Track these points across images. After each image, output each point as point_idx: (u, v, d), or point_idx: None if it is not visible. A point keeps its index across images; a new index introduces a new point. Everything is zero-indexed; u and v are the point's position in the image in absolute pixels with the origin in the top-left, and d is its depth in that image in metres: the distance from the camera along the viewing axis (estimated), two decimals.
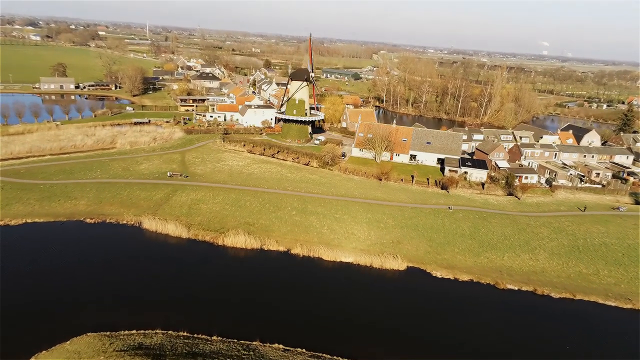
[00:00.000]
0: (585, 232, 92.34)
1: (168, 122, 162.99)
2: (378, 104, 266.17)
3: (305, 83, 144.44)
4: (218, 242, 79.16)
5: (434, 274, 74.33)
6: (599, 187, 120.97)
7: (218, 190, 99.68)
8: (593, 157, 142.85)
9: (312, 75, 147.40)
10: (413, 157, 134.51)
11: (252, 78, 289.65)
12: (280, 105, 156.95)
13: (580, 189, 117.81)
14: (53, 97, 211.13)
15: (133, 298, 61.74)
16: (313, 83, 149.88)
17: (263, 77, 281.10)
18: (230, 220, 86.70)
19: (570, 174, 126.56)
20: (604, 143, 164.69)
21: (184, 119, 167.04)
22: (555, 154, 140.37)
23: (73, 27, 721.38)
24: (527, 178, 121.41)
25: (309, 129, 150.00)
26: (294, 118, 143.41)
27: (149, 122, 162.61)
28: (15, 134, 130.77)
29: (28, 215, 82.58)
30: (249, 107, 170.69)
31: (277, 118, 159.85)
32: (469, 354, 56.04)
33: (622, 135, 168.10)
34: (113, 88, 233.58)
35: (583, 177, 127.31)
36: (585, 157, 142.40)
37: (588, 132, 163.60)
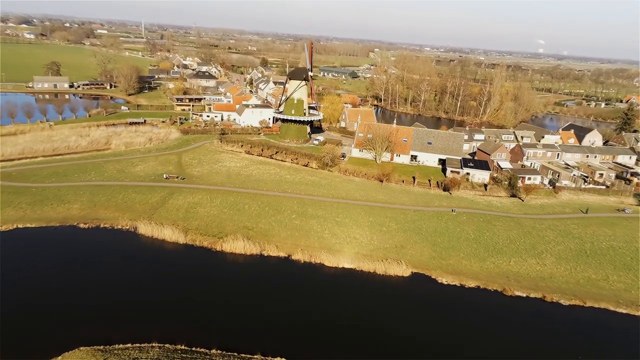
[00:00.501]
0: (592, 235, 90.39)
1: (164, 122, 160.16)
2: (376, 103, 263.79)
3: (304, 82, 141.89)
4: (216, 247, 76.58)
5: (440, 280, 72.05)
6: (603, 188, 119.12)
7: (216, 193, 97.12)
8: (596, 157, 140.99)
9: (310, 75, 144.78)
10: (414, 157, 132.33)
11: (249, 77, 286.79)
12: (279, 105, 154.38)
13: (584, 190, 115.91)
14: (47, 96, 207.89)
15: (128, 309, 59.06)
16: (311, 79, 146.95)
17: (260, 75, 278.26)
18: (229, 225, 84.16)
19: (574, 175, 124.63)
20: (606, 143, 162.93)
21: (180, 119, 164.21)
22: (558, 154, 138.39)
23: (68, 25, 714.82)
24: (530, 179, 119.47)
25: (308, 129, 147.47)
26: (293, 118, 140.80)
27: (145, 122, 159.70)
28: (7, 135, 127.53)
29: (19, 221, 79.72)
30: (247, 106, 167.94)
31: (275, 118, 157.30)
32: None
33: (623, 135, 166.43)
34: (108, 87, 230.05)
35: (586, 177, 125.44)
36: (588, 157, 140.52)
37: (589, 131, 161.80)
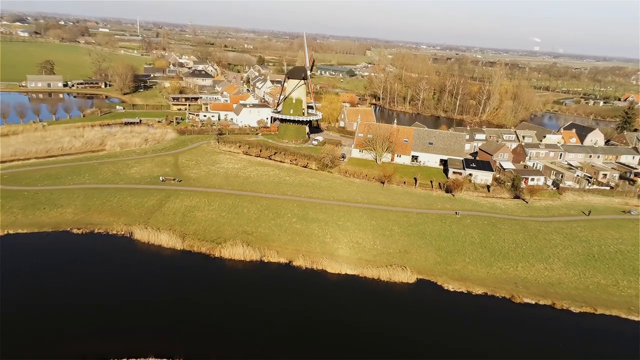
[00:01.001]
0: (599, 238, 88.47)
1: (160, 121, 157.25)
2: (374, 102, 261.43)
3: (303, 82, 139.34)
4: (215, 253, 74.04)
5: (446, 287, 69.80)
6: (607, 188, 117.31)
7: (214, 196, 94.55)
8: (599, 157, 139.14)
9: (309, 74, 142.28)
10: (415, 158, 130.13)
11: (245, 75, 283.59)
12: (277, 105, 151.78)
13: (588, 191, 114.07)
14: (40, 95, 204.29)
15: (123, 321, 56.45)
16: (309, 77, 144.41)
17: (257, 74, 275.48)
18: (227, 229, 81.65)
19: (577, 176, 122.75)
20: (607, 142, 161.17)
21: (177, 119, 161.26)
22: (561, 155, 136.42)
23: (62, 23, 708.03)
24: (533, 180, 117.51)
25: (307, 129, 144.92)
26: (292, 118, 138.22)
27: (140, 122, 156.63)
28: None
29: (10, 226, 76.87)
30: (244, 106, 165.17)
31: (273, 117, 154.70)
32: None
33: (625, 134, 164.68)
34: (103, 86, 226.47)
35: (590, 178, 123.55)
36: (591, 157, 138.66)
37: (591, 131, 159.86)
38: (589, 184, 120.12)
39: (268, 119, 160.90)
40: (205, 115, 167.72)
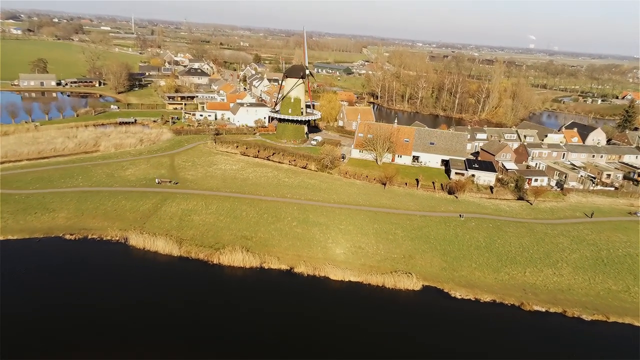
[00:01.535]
0: (607, 241, 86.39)
1: (155, 121, 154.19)
2: (372, 100, 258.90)
3: (301, 81, 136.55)
4: (213, 260, 71.39)
5: (453, 294, 67.46)
6: (612, 189, 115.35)
7: (211, 199, 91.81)
8: (602, 157, 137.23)
9: (307, 73, 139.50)
10: (416, 158, 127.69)
11: (242, 73, 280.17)
12: (275, 104, 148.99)
13: (593, 192, 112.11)
14: (33, 94, 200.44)
15: (117, 335, 53.74)
16: (310, 76, 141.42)
17: (253, 72, 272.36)
18: (226, 234, 79.01)
19: (581, 176, 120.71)
20: (609, 141, 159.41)
21: (173, 119, 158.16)
22: (564, 154, 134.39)
23: (56, 20, 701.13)
24: (537, 181, 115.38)
25: (305, 129, 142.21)
26: (290, 118, 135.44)
27: (135, 121, 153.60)
28: None
29: (0, 232, 74.03)
30: (241, 105, 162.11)
31: (270, 117, 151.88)
32: None
33: (627, 133, 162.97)
34: (97, 85, 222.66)
35: (594, 178, 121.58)
36: (594, 157, 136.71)
37: (593, 130, 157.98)
38: (593, 185, 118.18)
39: (266, 119, 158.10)
40: (202, 115, 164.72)
